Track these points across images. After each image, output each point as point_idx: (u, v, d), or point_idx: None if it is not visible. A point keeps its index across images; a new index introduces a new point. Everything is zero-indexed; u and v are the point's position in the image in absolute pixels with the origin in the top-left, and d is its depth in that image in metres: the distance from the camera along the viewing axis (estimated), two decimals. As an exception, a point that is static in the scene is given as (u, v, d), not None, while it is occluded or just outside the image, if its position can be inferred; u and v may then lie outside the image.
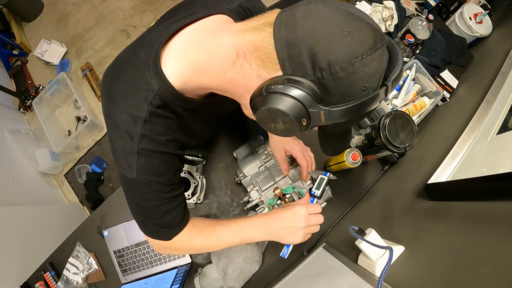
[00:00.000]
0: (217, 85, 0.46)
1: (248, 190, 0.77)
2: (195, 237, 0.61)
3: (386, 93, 0.38)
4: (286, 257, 0.62)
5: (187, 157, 0.85)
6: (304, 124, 0.39)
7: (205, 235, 0.62)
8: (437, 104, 1.05)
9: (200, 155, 0.88)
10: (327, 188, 0.74)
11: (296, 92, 0.36)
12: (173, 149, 0.52)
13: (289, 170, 0.78)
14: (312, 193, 0.65)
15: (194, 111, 0.55)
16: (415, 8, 1.25)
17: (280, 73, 0.37)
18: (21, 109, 2.09)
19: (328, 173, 0.66)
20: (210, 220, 0.66)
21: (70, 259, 0.88)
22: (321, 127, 0.49)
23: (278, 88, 0.36)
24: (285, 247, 0.63)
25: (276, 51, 0.36)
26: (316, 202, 0.64)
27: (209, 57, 0.43)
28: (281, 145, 0.76)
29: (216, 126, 0.72)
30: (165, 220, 0.57)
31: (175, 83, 0.46)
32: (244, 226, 0.63)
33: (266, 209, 0.72)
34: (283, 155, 0.76)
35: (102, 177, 1.92)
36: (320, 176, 0.66)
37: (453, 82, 1.12)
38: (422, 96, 1.01)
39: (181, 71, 0.46)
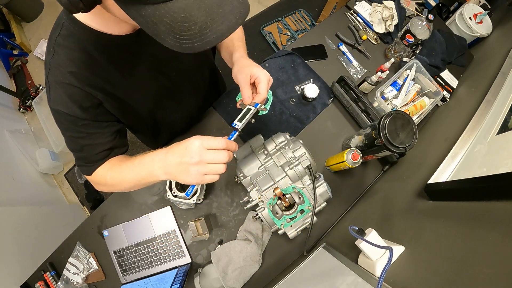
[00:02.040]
0: None
1: (248, 190, 0.77)
2: (106, 173, 0.64)
3: None
4: (189, 198, 0.54)
5: None
6: None
7: (114, 171, 0.64)
8: (437, 104, 1.05)
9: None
10: (327, 188, 0.74)
11: None
12: (78, 83, 0.55)
13: (291, 170, 0.77)
14: (233, 125, 0.55)
15: (107, 48, 0.56)
16: (415, 8, 1.25)
17: None
18: (21, 109, 2.09)
19: (259, 104, 0.58)
20: (125, 157, 0.67)
21: (70, 259, 0.88)
22: None
23: None
24: (189, 186, 0.56)
25: None
26: (241, 142, 0.57)
27: None
28: (248, 67, 0.64)
29: (157, 81, 0.69)
30: (84, 155, 0.63)
31: (80, 16, 0.51)
32: (143, 162, 0.57)
33: (266, 209, 0.72)
34: (248, 80, 0.63)
35: (102, 177, 1.92)
36: (248, 106, 0.58)
37: (453, 82, 1.12)
38: (422, 96, 1.01)
39: None
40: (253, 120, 0.57)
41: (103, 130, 0.63)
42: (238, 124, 0.54)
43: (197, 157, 0.49)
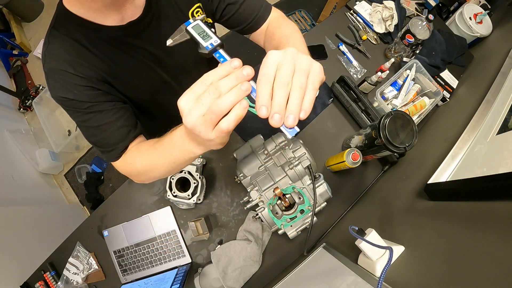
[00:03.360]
0: None
1: (248, 190, 0.77)
2: (135, 160, 0.61)
3: None
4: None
5: None
6: None
7: (142, 156, 0.59)
8: (437, 104, 1.05)
9: (200, 156, 0.88)
10: (327, 188, 0.74)
11: None
12: (73, 69, 0.56)
13: (291, 170, 0.77)
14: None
15: (96, 38, 0.58)
16: (415, 8, 1.25)
17: None
18: (21, 109, 2.09)
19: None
20: (153, 140, 0.59)
21: (70, 259, 0.88)
22: None
23: None
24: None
25: None
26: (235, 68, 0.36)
27: None
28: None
29: (152, 75, 0.69)
30: (99, 140, 0.62)
31: (71, 6, 0.54)
32: (173, 139, 0.49)
33: (266, 209, 0.72)
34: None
35: (102, 177, 1.92)
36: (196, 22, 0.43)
37: (453, 82, 1.12)
38: (422, 96, 1.01)
39: None
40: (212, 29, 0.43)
41: (108, 108, 0.61)
42: (210, 40, 0.40)
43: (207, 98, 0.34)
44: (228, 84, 0.34)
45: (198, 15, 0.68)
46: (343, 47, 1.11)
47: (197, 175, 0.85)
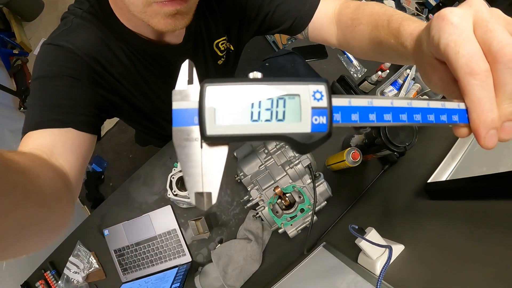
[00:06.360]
0: None
1: (248, 189, 0.77)
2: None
3: None
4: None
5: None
6: None
7: None
8: (437, 104, 1.05)
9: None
10: (327, 187, 0.74)
11: None
12: (83, 54, 0.50)
13: (291, 169, 0.77)
14: None
15: (128, 45, 0.54)
16: (416, 7, 1.25)
17: None
18: (22, 108, 2.09)
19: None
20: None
21: (71, 258, 0.88)
22: None
23: None
24: None
25: None
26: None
27: None
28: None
29: (167, 85, 0.66)
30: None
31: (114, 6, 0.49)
32: None
33: (267, 208, 0.73)
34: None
35: (103, 176, 1.92)
36: None
37: (453, 81, 1.12)
38: (422, 96, 1.01)
39: None
40: None
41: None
42: None
43: None
44: None
45: (224, 47, 0.68)
46: (343, 47, 1.11)
47: (198, 174, 0.85)
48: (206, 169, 0.21)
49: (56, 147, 0.41)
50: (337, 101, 0.21)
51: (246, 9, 0.63)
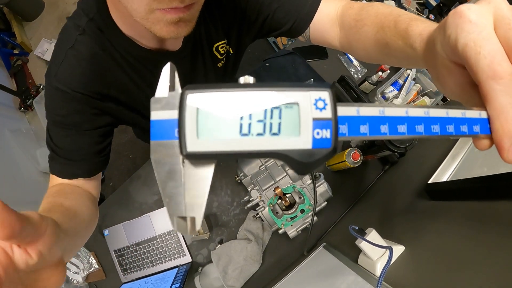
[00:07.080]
0: None
1: (249, 190, 0.77)
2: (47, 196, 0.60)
3: None
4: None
5: None
6: None
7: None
8: (437, 104, 1.05)
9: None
10: (327, 187, 0.74)
11: None
12: (83, 89, 0.52)
13: (291, 171, 0.77)
14: None
15: (132, 56, 0.54)
16: (416, 8, 1.25)
17: None
18: (22, 108, 2.09)
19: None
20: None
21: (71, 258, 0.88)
22: None
23: None
24: None
25: None
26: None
27: None
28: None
29: None
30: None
31: (114, 14, 0.49)
32: None
33: (267, 208, 0.72)
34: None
35: (103, 176, 1.92)
36: None
37: (454, 81, 1.12)
38: (422, 96, 1.01)
39: None
40: None
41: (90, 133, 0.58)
42: None
43: None
44: None
45: (223, 50, 0.67)
46: (343, 47, 1.11)
47: (198, 174, 0.85)
48: (189, 191, 0.18)
49: (80, 182, 0.58)
50: (344, 111, 0.18)
51: (246, 12, 0.62)
